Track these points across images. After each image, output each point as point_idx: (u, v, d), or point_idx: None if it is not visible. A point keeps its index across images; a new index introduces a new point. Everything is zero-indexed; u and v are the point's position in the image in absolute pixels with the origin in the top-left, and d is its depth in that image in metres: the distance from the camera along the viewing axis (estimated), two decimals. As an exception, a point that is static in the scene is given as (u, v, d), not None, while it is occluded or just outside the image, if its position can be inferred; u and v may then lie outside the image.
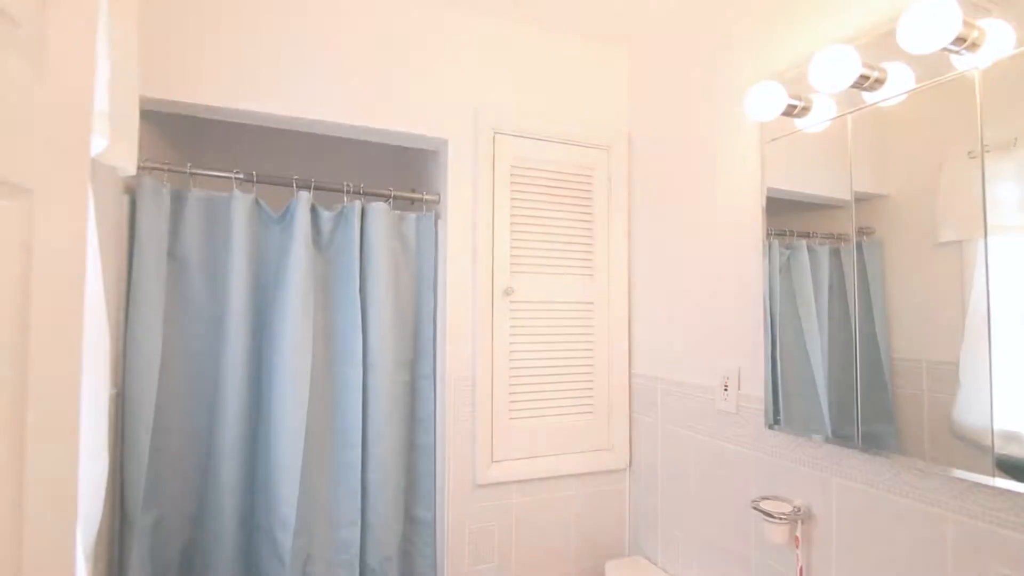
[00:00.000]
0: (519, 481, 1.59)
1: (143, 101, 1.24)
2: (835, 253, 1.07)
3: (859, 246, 1.02)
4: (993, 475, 0.79)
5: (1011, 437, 0.78)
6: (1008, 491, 0.79)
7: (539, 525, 1.62)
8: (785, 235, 1.18)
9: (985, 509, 0.82)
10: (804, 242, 1.14)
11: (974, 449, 0.83)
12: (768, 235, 1.21)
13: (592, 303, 1.69)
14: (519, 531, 1.59)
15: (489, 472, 1.54)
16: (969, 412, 0.84)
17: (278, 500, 1.33)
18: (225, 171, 1.41)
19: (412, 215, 1.59)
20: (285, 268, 1.39)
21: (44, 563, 0.43)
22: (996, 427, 0.80)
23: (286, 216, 1.43)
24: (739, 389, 1.30)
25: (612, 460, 1.70)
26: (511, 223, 1.59)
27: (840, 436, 1.04)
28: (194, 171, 1.38)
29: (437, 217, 1.63)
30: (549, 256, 1.64)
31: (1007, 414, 0.79)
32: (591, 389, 1.69)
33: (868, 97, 1.00)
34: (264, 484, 1.37)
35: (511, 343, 1.58)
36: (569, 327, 1.66)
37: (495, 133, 1.57)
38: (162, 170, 1.34)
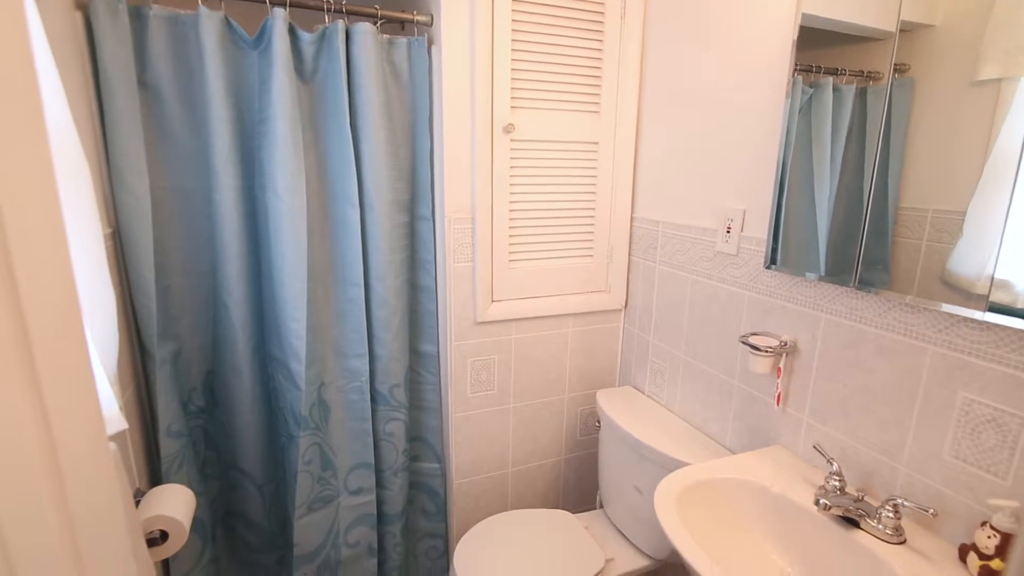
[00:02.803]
0: (518, 319, 1.66)
1: None
2: (861, 94, 0.99)
3: (889, 85, 0.93)
4: (984, 311, 0.81)
5: (1000, 285, 0.80)
6: (995, 325, 0.82)
7: (536, 358, 1.72)
8: (811, 71, 1.08)
9: (967, 342, 0.86)
10: (830, 80, 1.05)
11: (962, 296, 0.85)
12: (793, 71, 1.10)
13: (597, 143, 1.61)
14: (517, 363, 1.70)
15: (489, 311, 1.60)
16: (964, 261, 0.84)
17: (288, 333, 1.39)
18: (186, -17, 1.24)
19: (403, 39, 1.44)
20: (268, 100, 1.29)
21: (56, 355, 0.45)
22: (988, 273, 0.81)
23: (262, 39, 1.29)
24: (741, 231, 1.29)
25: (609, 301, 1.75)
26: (512, 51, 1.44)
27: (834, 278, 1.06)
28: (150, -18, 1.21)
29: (430, 43, 1.48)
30: (553, 90, 1.52)
31: (1003, 263, 0.79)
32: (591, 232, 1.68)
33: None
34: (273, 319, 1.42)
35: (511, 184, 1.54)
36: (572, 168, 1.60)
37: (494, -63, 1.36)
38: (113, -20, 1.17)
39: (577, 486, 1.92)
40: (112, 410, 0.80)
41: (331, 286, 1.48)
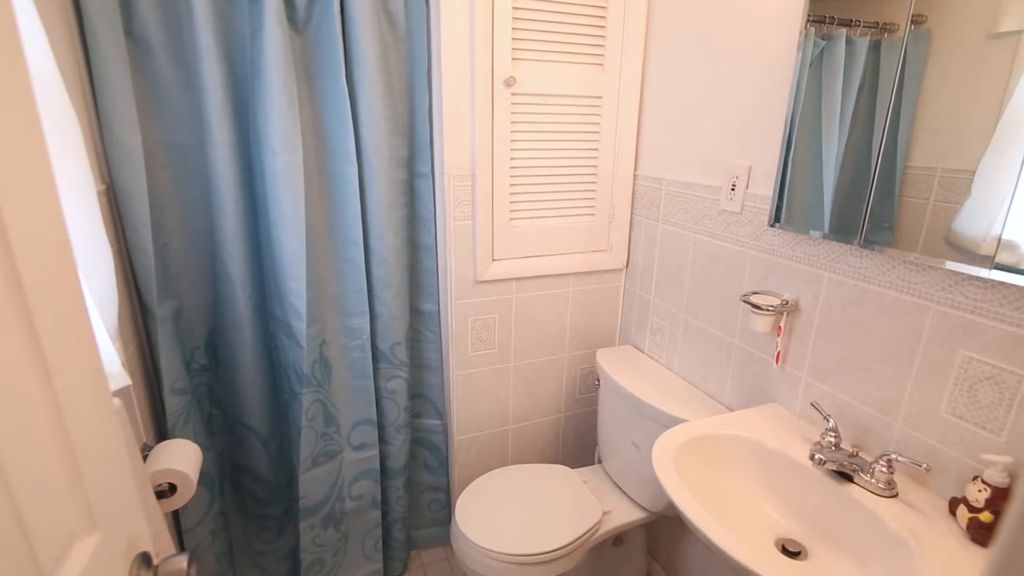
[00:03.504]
0: (518, 278, 1.65)
1: None
2: (875, 47, 0.95)
3: (904, 38, 0.90)
4: (991, 268, 0.80)
5: (1006, 246, 0.79)
6: (999, 283, 0.81)
7: (537, 318, 1.73)
8: (824, 23, 1.04)
9: (970, 300, 0.86)
10: (844, 32, 1.00)
11: (967, 257, 0.84)
12: (806, 22, 1.06)
13: (600, 97, 1.56)
14: (518, 323, 1.71)
15: (490, 270, 1.59)
16: (971, 222, 0.83)
17: (288, 292, 1.39)
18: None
19: (399, -13, 1.38)
20: (260, 51, 1.24)
21: (53, 311, 0.44)
22: (995, 233, 0.80)
23: (252, -15, 1.23)
24: (747, 189, 1.27)
25: (610, 260, 1.74)
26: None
27: (839, 236, 1.05)
28: (132, -78, 1.14)
29: (428, -10, 1.41)
30: (556, 41, 1.46)
31: (1011, 225, 0.78)
32: (593, 190, 1.65)
33: None
34: (273, 278, 1.41)
35: (512, 140, 1.50)
36: (574, 123, 1.56)
37: None
38: (92, -81, 1.11)
39: (576, 442, 1.96)
40: (114, 367, 0.81)
41: (330, 244, 1.47)
